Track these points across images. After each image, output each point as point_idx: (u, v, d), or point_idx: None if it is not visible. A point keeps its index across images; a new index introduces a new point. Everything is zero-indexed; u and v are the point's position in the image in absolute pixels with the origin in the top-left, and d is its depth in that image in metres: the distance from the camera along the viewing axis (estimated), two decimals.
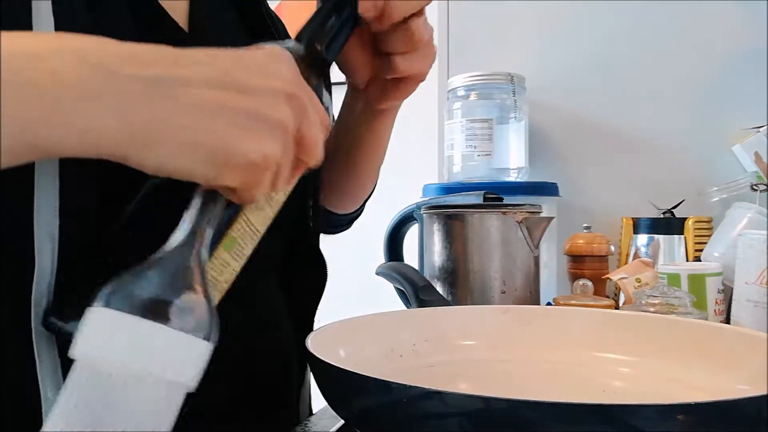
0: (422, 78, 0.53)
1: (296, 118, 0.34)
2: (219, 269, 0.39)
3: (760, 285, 0.72)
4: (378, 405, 0.36)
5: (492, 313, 0.58)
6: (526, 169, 1.16)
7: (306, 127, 0.35)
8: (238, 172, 0.31)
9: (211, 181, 0.32)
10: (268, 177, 0.33)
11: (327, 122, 0.38)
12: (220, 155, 0.30)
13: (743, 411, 0.31)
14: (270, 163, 0.32)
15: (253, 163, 0.31)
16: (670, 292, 0.71)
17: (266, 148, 0.32)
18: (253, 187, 0.32)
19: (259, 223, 0.41)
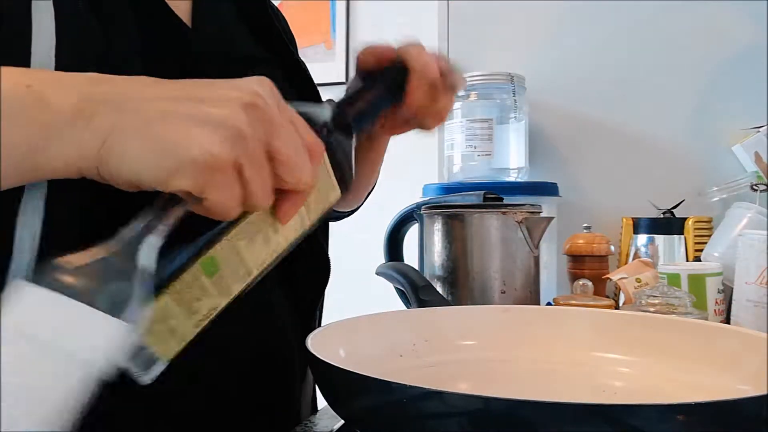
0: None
1: (257, 126, 0.33)
2: (194, 292, 0.36)
3: (760, 285, 0.72)
4: (378, 405, 0.36)
5: (492, 313, 0.58)
6: (526, 169, 1.16)
7: (278, 141, 0.34)
8: (185, 172, 0.31)
9: (164, 185, 0.32)
10: (225, 181, 0.32)
11: (316, 149, 0.37)
12: (167, 155, 0.31)
13: (743, 411, 0.31)
14: (218, 163, 0.31)
15: (196, 161, 0.31)
16: (670, 292, 0.71)
17: (209, 146, 0.31)
18: (207, 189, 0.32)
19: (251, 258, 0.39)
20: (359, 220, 0.78)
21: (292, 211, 0.38)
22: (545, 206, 0.86)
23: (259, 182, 0.34)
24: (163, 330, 0.35)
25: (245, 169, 0.33)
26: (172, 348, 0.36)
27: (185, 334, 0.36)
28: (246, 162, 0.33)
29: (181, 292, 0.35)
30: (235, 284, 0.38)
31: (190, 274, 0.36)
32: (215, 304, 0.37)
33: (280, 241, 0.40)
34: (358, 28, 2.01)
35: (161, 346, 0.35)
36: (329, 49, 2.00)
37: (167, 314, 0.35)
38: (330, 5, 2.01)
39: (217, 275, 0.37)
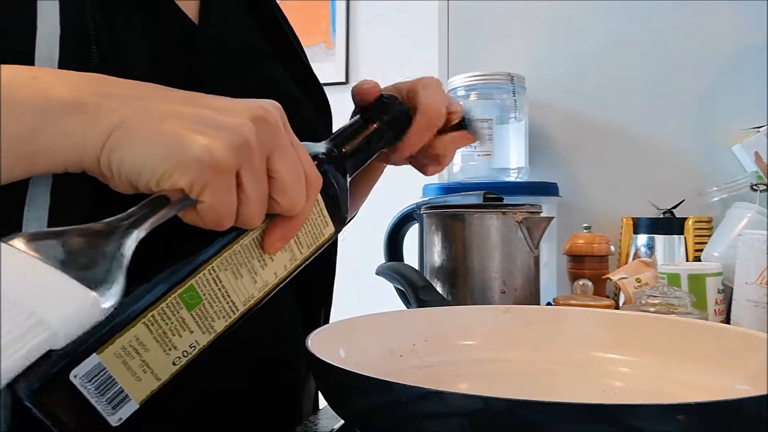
0: None
1: (262, 140, 0.34)
2: (173, 324, 0.34)
3: (760, 285, 0.72)
4: (378, 405, 0.36)
5: (492, 313, 0.58)
6: (526, 169, 1.16)
7: (279, 159, 0.34)
8: (186, 169, 0.31)
9: (162, 180, 0.31)
10: (223, 186, 0.32)
11: (314, 180, 0.37)
12: (171, 151, 0.31)
13: (743, 411, 0.31)
14: (220, 165, 0.31)
15: (199, 159, 0.31)
16: (670, 292, 0.71)
17: (214, 147, 0.31)
18: (204, 190, 0.32)
19: (237, 293, 0.37)
20: (360, 220, 0.78)
21: (280, 241, 0.37)
22: (545, 206, 0.86)
23: (256, 196, 0.34)
24: (135, 364, 0.33)
25: (245, 179, 0.33)
26: (144, 387, 0.33)
27: (160, 372, 0.34)
28: (247, 172, 0.33)
29: (158, 322, 0.33)
30: (218, 320, 0.36)
31: (168, 304, 0.34)
32: (196, 340, 0.35)
33: (269, 277, 0.39)
34: (358, 28, 2.01)
35: (133, 383, 0.33)
36: (329, 49, 2.00)
37: (141, 346, 0.33)
38: (330, 5, 2.01)
39: (198, 308, 0.35)
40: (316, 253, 0.42)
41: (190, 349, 0.35)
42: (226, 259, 0.36)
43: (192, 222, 0.34)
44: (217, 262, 0.35)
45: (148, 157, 0.31)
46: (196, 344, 0.35)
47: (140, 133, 0.32)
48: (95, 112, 0.32)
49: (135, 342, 0.32)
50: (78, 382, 0.30)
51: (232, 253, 0.36)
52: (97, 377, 0.31)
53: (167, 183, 0.31)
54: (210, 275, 0.35)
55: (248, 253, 0.37)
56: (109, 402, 0.32)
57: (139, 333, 0.33)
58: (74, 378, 0.30)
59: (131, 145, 0.32)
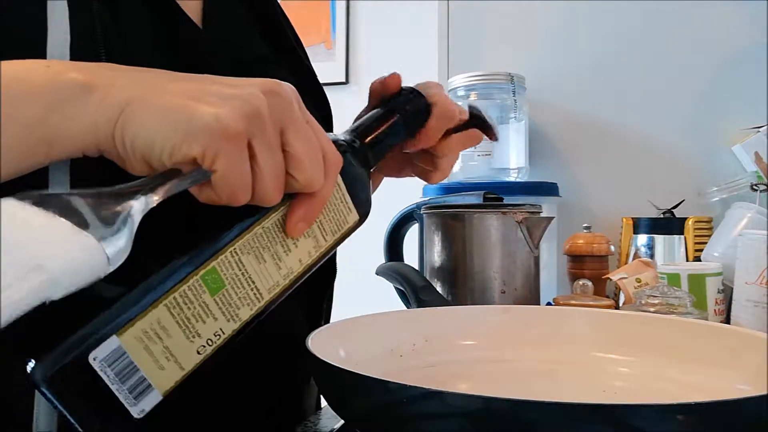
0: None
1: (275, 111, 0.33)
2: (195, 309, 0.33)
3: (760, 285, 0.72)
4: (378, 405, 0.36)
5: (492, 313, 0.58)
6: (526, 169, 1.16)
7: (293, 132, 0.34)
8: (197, 137, 0.31)
9: (174, 152, 0.31)
10: (235, 153, 0.32)
11: (332, 158, 0.37)
12: (182, 122, 0.31)
13: (743, 411, 0.31)
14: (231, 132, 0.31)
15: (209, 127, 0.31)
16: (670, 292, 0.71)
17: (224, 115, 0.31)
18: (217, 159, 0.31)
19: (261, 278, 0.36)
20: None
21: (302, 222, 0.37)
22: (545, 206, 0.86)
23: (271, 167, 0.33)
24: (157, 350, 0.31)
25: (257, 149, 0.32)
26: (168, 376, 0.32)
27: (184, 360, 0.33)
28: (259, 142, 0.32)
29: (180, 306, 0.32)
30: (243, 307, 0.35)
31: (190, 287, 0.32)
32: (221, 328, 0.34)
33: (294, 263, 0.38)
34: (358, 28, 2.01)
35: (156, 371, 0.31)
36: (329, 49, 2.00)
37: (163, 330, 0.31)
38: (330, 5, 2.01)
39: (221, 293, 0.34)
40: (341, 242, 0.41)
41: (215, 337, 0.34)
42: (249, 242, 0.35)
43: (208, 199, 0.33)
44: (239, 245, 0.34)
45: (159, 130, 0.31)
46: (221, 333, 0.34)
47: (150, 107, 0.32)
48: (106, 91, 0.32)
49: (157, 326, 0.31)
50: (98, 366, 0.29)
51: (254, 235, 0.35)
52: (117, 362, 0.30)
53: (179, 155, 0.31)
54: (232, 258, 0.34)
55: (271, 237, 0.36)
56: (131, 390, 0.30)
57: (161, 316, 0.31)
58: (93, 361, 0.29)
59: (142, 120, 0.32)
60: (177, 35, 0.47)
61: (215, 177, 0.32)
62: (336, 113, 0.65)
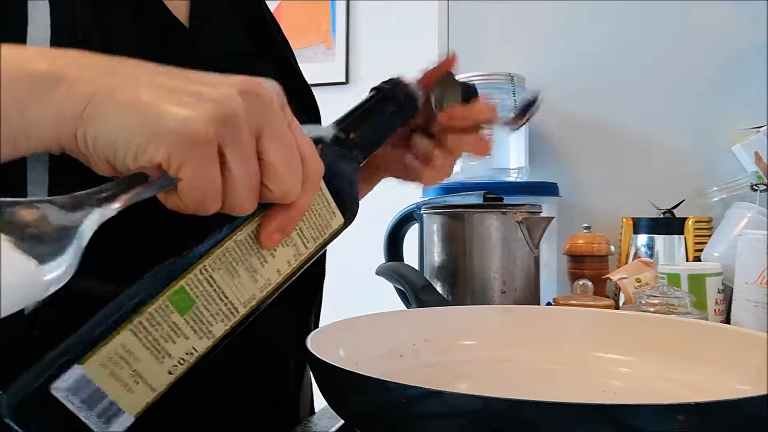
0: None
1: (251, 114, 0.31)
2: (164, 330, 0.31)
3: (760, 285, 0.72)
4: (378, 405, 0.36)
5: (492, 313, 0.58)
6: (526, 169, 1.16)
7: (269, 139, 0.31)
8: (162, 141, 0.29)
9: (138, 155, 0.29)
10: (204, 161, 0.29)
11: (312, 165, 0.34)
12: (147, 123, 0.29)
13: (743, 411, 0.31)
14: (199, 137, 0.29)
15: (174, 130, 0.28)
16: (670, 292, 0.71)
17: (193, 118, 0.29)
18: (183, 165, 0.29)
19: (234, 293, 0.33)
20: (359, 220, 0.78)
21: (277, 233, 0.34)
22: (545, 206, 0.86)
23: (243, 177, 0.31)
24: (125, 375, 0.30)
25: (229, 156, 0.30)
26: (138, 398, 0.30)
27: (155, 382, 0.31)
28: (232, 148, 0.30)
29: (147, 329, 0.30)
30: (216, 324, 0.33)
31: (157, 309, 0.30)
32: (193, 347, 0.32)
33: (272, 275, 0.35)
34: (358, 28, 2.01)
35: (124, 395, 0.30)
36: (329, 49, 2.00)
37: (129, 354, 0.30)
38: (330, 5, 2.01)
39: (191, 311, 0.32)
40: (325, 247, 0.39)
41: (187, 356, 0.32)
42: (219, 257, 0.32)
43: (175, 207, 0.31)
44: (210, 261, 0.32)
45: (123, 130, 0.29)
46: (193, 351, 0.32)
47: (116, 103, 0.29)
48: (73, 84, 0.30)
49: (122, 351, 0.30)
50: (61, 396, 0.28)
51: (225, 250, 0.33)
52: (82, 390, 0.29)
53: (143, 158, 0.29)
54: (202, 275, 0.32)
55: (244, 250, 0.34)
56: (99, 416, 0.29)
57: (125, 341, 0.30)
58: (56, 391, 0.28)
59: (106, 117, 0.29)
60: (163, 34, 0.46)
61: (181, 185, 0.29)
62: (336, 113, 0.65)
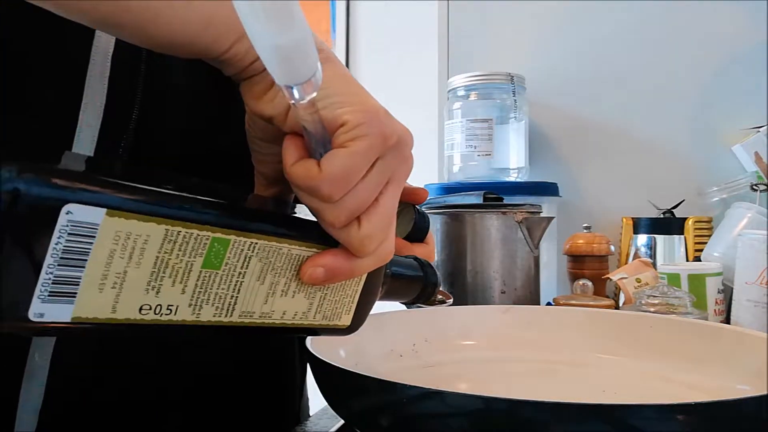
0: None
1: (403, 159, 0.32)
2: (174, 262, 0.27)
3: (760, 285, 0.72)
4: (378, 405, 0.36)
5: (492, 313, 0.58)
6: (526, 169, 1.16)
7: (393, 190, 0.32)
8: (365, 108, 0.30)
9: (338, 106, 0.30)
10: (372, 150, 0.30)
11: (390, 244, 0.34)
12: (361, 93, 0.31)
13: (743, 411, 0.31)
14: (391, 140, 0.30)
15: (378, 109, 0.30)
16: (670, 292, 0.71)
17: (389, 116, 0.31)
18: (364, 132, 0.29)
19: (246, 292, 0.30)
20: None
21: (321, 270, 0.32)
22: (545, 206, 0.86)
23: (361, 196, 0.30)
24: (116, 267, 0.25)
25: (378, 166, 0.30)
26: (95, 306, 0.25)
27: (123, 306, 0.25)
28: (385, 163, 0.31)
29: (174, 243, 0.26)
30: (210, 306, 0.29)
31: (197, 236, 0.27)
32: (177, 306, 0.28)
33: (277, 311, 0.32)
34: (358, 28, 2.01)
35: (93, 290, 0.24)
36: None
37: (140, 251, 0.25)
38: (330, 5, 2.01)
39: (207, 273, 0.28)
40: (312, 334, 0.36)
41: (167, 310, 0.27)
42: (269, 249, 0.30)
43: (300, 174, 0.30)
44: (262, 243, 0.29)
45: (343, 81, 0.31)
46: (173, 310, 0.27)
47: (341, 65, 0.32)
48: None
49: (141, 240, 0.25)
50: (62, 222, 0.22)
51: (277, 248, 0.30)
52: (77, 239, 0.23)
53: (340, 109, 0.29)
54: (247, 249, 0.29)
55: (286, 265, 0.31)
56: (55, 282, 0.23)
57: (153, 234, 0.25)
58: (65, 214, 0.22)
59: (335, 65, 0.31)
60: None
61: (339, 153, 0.29)
62: None
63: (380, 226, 0.32)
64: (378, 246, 0.32)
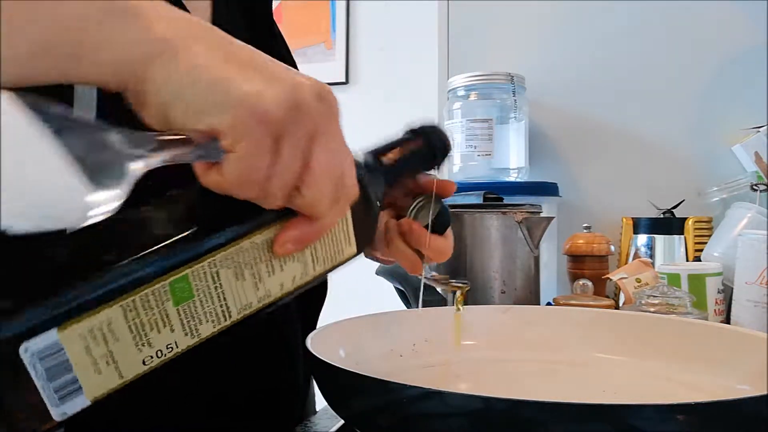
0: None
1: (319, 115, 0.30)
2: (153, 316, 0.28)
3: (760, 285, 0.72)
4: (378, 405, 0.36)
5: (492, 313, 0.58)
6: (526, 169, 1.16)
7: (324, 144, 0.30)
8: (230, 108, 0.28)
9: (199, 115, 0.28)
10: (260, 140, 0.28)
11: (349, 191, 0.33)
12: (221, 86, 0.28)
13: (743, 411, 0.31)
14: (266, 115, 0.28)
15: (245, 101, 0.28)
16: (670, 292, 0.71)
17: (265, 92, 0.28)
18: (240, 138, 0.28)
19: (234, 296, 0.31)
20: None
21: (292, 243, 0.32)
22: (545, 206, 0.86)
23: (287, 170, 0.30)
24: (99, 353, 0.27)
25: (286, 146, 0.29)
26: (102, 382, 0.28)
27: (126, 369, 0.28)
28: (291, 140, 0.29)
29: (138, 310, 0.28)
30: (206, 323, 0.30)
31: (154, 292, 0.28)
32: (175, 341, 0.30)
33: (274, 287, 0.33)
34: (358, 28, 2.01)
35: (90, 375, 0.27)
36: (329, 49, 2.00)
37: (111, 333, 0.27)
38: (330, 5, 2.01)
39: (186, 304, 0.29)
40: (332, 272, 0.37)
41: (167, 350, 0.29)
42: (232, 255, 0.31)
43: (212, 183, 0.29)
44: (221, 257, 0.30)
45: (192, 86, 0.28)
46: (174, 346, 0.30)
47: (194, 55, 0.28)
48: (152, 23, 0.28)
49: (106, 327, 0.27)
50: (27, 358, 0.25)
51: (240, 249, 0.31)
52: (50, 357, 0.26)
53: (204, 120, 0.28)
54: (210, 269, 0.30)
55: (257, 255, 0.32)
56: (56, 390, 0.26)
57: (113, 317, 0.27)
58: (24, 352, 0.25)
59: (180, 66, 0.28)
60: None
61: (231, 158, 0.28)
62: None
63: (321, 186, 0.31)
64: (332, 201, 0.32)
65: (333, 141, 0.31)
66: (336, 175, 0.32)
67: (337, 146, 0.32)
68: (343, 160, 0.33)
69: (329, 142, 0.31)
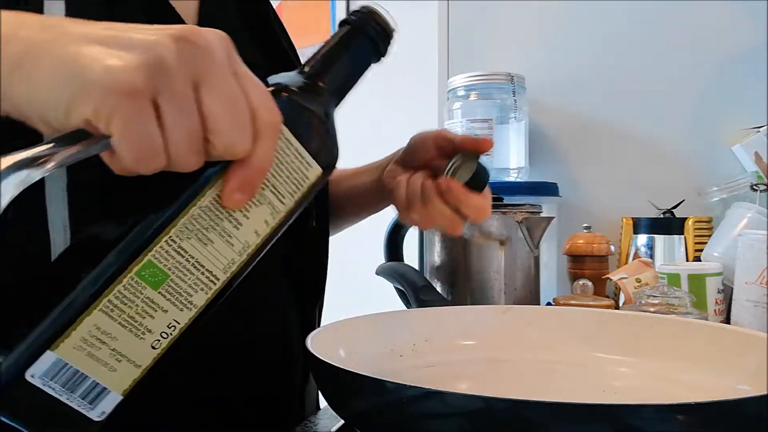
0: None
1: (187, 61, 0.28)
2: (139, 307, 0.30)
3: (760, 285, 0.72)
4: (378, 405, 0.36)
5: (492, 313, 0.58)
6: (526, 169, 1.16)
7: (209, 88, 0.29)
8: (88, 93, 0.27)
9: (69, 112, 0.27)
10: (136, 114, 0.27)
11: (266, 116, 0.31)
12: (75, 75, 0.27)
13: (743, 411, 0.31)
14: (122, 86, 0.26)
15: (99, 81, 0.26)
16: (670, 292, 0.71)
17: (116, 65, 0.27)
18: (112, 120, 0.27)
19: (211, 261, 0.32)
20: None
21: (239, 192, 0.31)
22: (545, 206, 0.86)
23: (182, 128, 0.28)
24: (104, 354, 0.29)
25: (164, 107, 0.28)
26: (124, 376, 0.30)
27: (139, 358, 0.31)
28: (166, 98, 0.28)
29: (119, 307, 0.30)
30: (197, 293, 0.32)
31: (126, 287, 0.30)
32: (174, 319, 0.31)
33: (249, 236, 0.33)
34: None
35: (108, 374, 0.30)
36: None
37: (105, 334, 0.29)
38: (330, 5, 2.00)
39: (166, 284, 0.31)
40: (305, 201, 0.36)
41: (170, 329, 0.31)
42: (186, 226, 0.31)
43: (120, 170, 0.29)
44: (175, 231, 0.31)
45: (52, 86, 0.27)
46: (175, 323, 0.31)
47: (48, 59, 0.27)
48: (8, 42, 0.28)
49: (96, 331, 0.29)
50: (39, 382, 0.28)
51: (191, 217, 0.31)
52: (60, 374, 0.28)
53: (75, 116, 0.27)
54: (170, 246, 0.30)
55: (213, 215, 0.32)
56: (83, 397, 0.29)
57: (98, 321, 0.29)
58: (32, 378, 0.28)
59: (38, 74, 0.27)
60: None
61: (115, 141, 0.27)
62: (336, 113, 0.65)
63: (227, 129, 0.29)
64: (250, 136, 0.30)
65: (219, 78, 0.29)
66: (238, 109, 0.30)
67: (224, 82, 0.29)
68: (247, 93, 0.30)
69: (214, 81, 0.29)
